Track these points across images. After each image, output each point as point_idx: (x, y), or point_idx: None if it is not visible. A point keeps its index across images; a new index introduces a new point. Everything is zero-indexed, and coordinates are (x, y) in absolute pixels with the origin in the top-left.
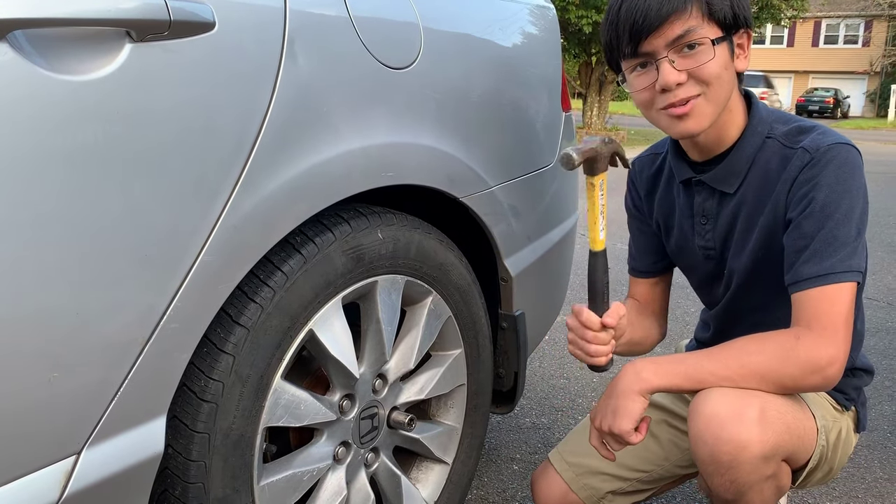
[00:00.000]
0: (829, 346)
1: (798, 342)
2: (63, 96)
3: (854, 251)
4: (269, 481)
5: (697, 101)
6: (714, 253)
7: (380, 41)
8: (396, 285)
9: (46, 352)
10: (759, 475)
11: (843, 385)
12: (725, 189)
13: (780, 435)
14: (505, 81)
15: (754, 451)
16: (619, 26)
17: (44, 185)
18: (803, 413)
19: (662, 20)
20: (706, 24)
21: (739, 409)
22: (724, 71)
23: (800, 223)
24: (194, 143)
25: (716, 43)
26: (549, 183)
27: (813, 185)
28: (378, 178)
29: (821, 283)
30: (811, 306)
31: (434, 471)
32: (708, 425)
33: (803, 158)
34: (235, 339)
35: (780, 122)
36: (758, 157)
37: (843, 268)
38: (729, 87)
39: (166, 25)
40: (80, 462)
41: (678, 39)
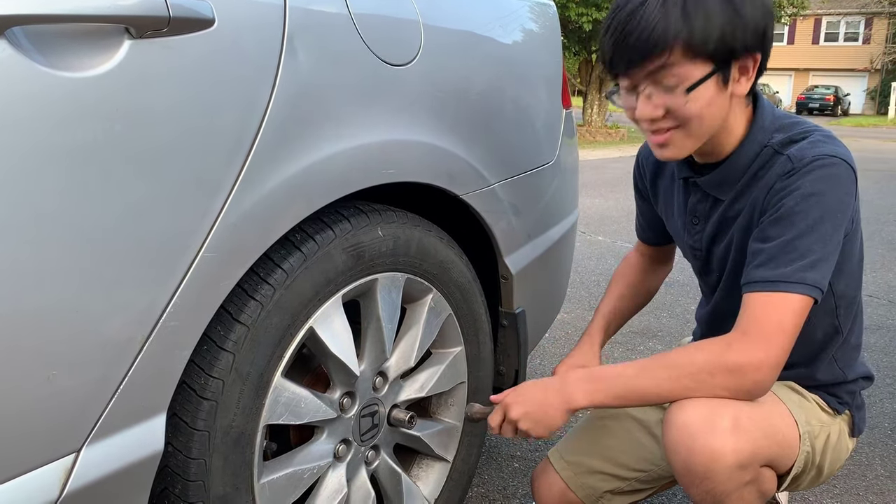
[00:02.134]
0: (759, 350)
1: (728, 349)
2: (62, 93)
3: (812, 265)
4: (270, 479)
5: (674, 134)
6: (700, 254)
7: (380, 38)
8: (397, 283)
9: (46, 349)
10: (735, 483)
11: (836, 390)
12: (718, 195)
13: (755, 442)
14: (505, 79)
15: (728, 460)
16: (604, 47)
17: (42, 182)
18: (783, 419)
19: (642, 56)
20: (689, 64)
21: (711, 419)
22: (707, 108)
23: (764, 228)
24: (194, 140)
25: (696, 86)
26: (550, 180)
27: (786, 193)
28: (378, 176)
29: (768, 288)
30: (753, 311)
31: (434, 468)
32: (681, 436)
33: (784, 167)
34: (235, 337)
35: (781, 131)
36: (752, 166)
37: (795, 279)
38: (714, 120)
39: (165, 22)
40: (80, 460)
41: (655, 72)
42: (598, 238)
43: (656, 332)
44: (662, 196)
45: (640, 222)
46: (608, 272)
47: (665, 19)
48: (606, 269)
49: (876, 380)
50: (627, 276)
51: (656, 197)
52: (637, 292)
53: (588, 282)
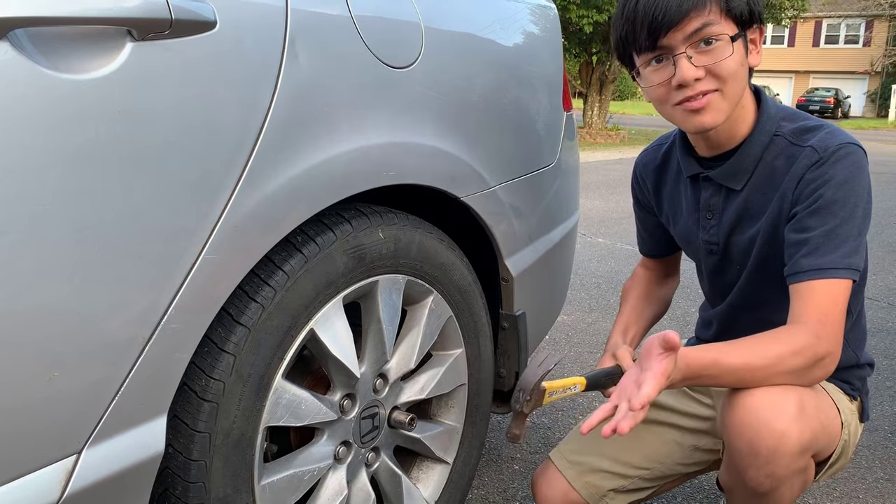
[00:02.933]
0: (832, 343)
1: (819, 341)
2: (64, 95)
3: (854, 250)
4: (270, 481)
5: (714, 97)
6: (717, 248)
7: (381, 40)
8: (397, 285)
9: (47, 351)
10: (794, 468)
11: (849, 376)
12: (732, 186)
13: (815, 430)
14: (506, 81)
15: (793, 444)
16: (637, 21)
17: (45, 183)
18: (831, 408)
19: (682, 15)
20: (724, 21)
21: (780, 403)
22: (741, 67)
23: (803, 218)
24: (195, 142)
25: (734, 40)
26: (551, 182)
27: (821, 183)
28: (379, 178)
29: (820, 276)
30: (809, 300)
31: (435, 470)
32: (749, 417)
33: (811, 157)
34: (236, 339)
35: (787, 120)
36: (765, 154)
37: (843, 265)
38: (743, 83)
39: (167, 24)
40: (81, 461)
41: (696, 33)
42: (599, 240)
43: None
44: (668, 201)
45: (643, 236)
46: (609, 274)
47: None
48: (607, 271)
49: (876, 382)
50: (636, 288)
51: (660, 204)
52: (650, 301)
53: (588, 284)
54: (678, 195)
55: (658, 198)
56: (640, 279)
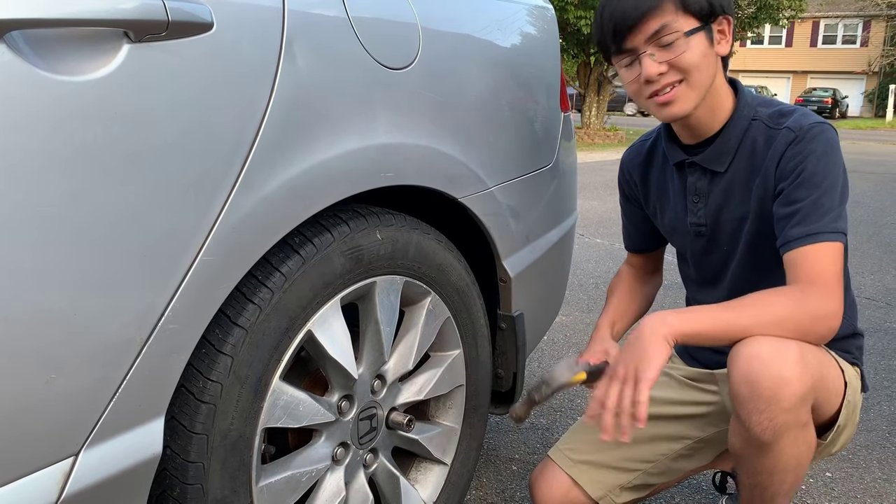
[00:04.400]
0: (832, 300)
1: (808, 299)
2: (61, 97)
3: (838, 216)
4: (268, 482)
5: (679, 88)
6: (705, 230)
7: (378, 42)
8: (395, 286)
9: (44, 352)
10: (794, 416)
11: (848, 345)
12: (716, 168)
13: (815, 378)
14: (504, 82)
15: (794, 387)
16: (604, 27)
17: (42, 185)
18: (833, 367)
19: (638, 19)
20: (680, 18)
21: (781, 350)
22: (703, 59)
23: (790, 192)
24: (192, 143)
25: (689, 34)
26: (548, 183)
27: (801, 159)
28: (377, 179)
29: (811, 241)
30: (805, 264)
31: (433, 471)
32: (750, 363)
33: (788, 136)
34: (234, 340)
35: (763, 106)
36: (745, 137)
37: (831, 228)
38: (710, 71)
39: (164, 26)
40: (79, 463)
41: (655, 35)
42: (597, 240)
43: None
44: (654, 192)
45: (629, 231)
46: (607, 274)
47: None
48: (605, 272)
49: (873, 382)
50: (621, 285)
51: (647, 196)
52: (634, 298)
53: (587, 284)
54: (664, 184)
55: (645, 190)
56: (626, 277)
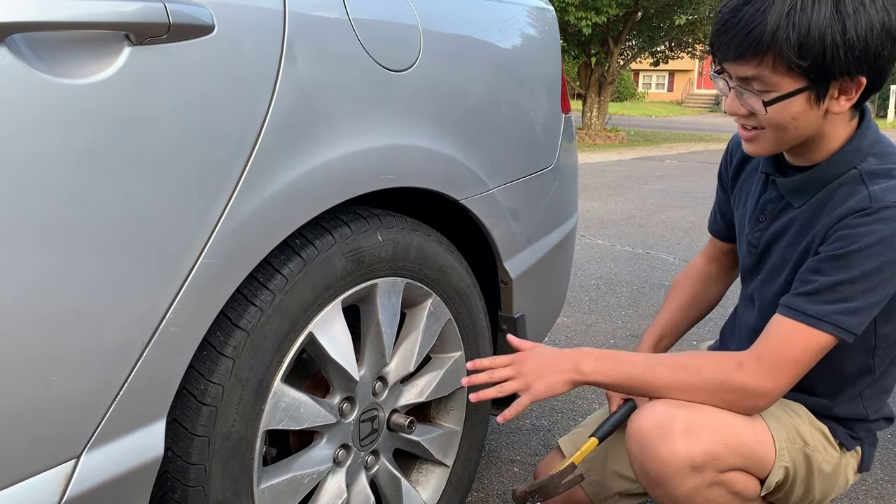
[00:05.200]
0: (768, 381)
1: (739, 370)
2: (62, 99)
3: (853, 311)
4: (269, 484)
5: (760, 133)
6: (755, 251)
7: (379, 43)
8: (396, 288)
9: (46, 355)
10: (692, 485)
11: (853, 425)
12: (792, 200)
13: (712, 447)
14: (504, 83)
15: (679, 466)
16: (713, 40)
17: (43, 188)
18: (755, 432)
19: (735, 58)
20: (780, 76)
21: (664, 424)
22: (792, 120)
23: (821, 259)
24: (194, 146)
25: (776, 101)
26: (549, 184)
27: (853, 234)
28: (378, 181)
29: (801, 319)
30: (776, 337)
31: (434, 473)
32: (636, 443)
33: (862, 204)
34: (235, 343)
35: (877, 157)
36: (835, 182)
37: (831, 320)
38: (802, 130)
39: (165, 28)
40: (80, 466)
41: (745, 80)
42: (598, 241)
43: None
44: (741, 184)
45: (715, 212)
46: (608, 276)
47: (762, 24)
48: (606, 273)
49: None
50: (686, 284)
51: (735, 184)
52: (694, 304)
53: (588, 286)
54: (751, 184)
55: (736, 177)
56: (695, 273)
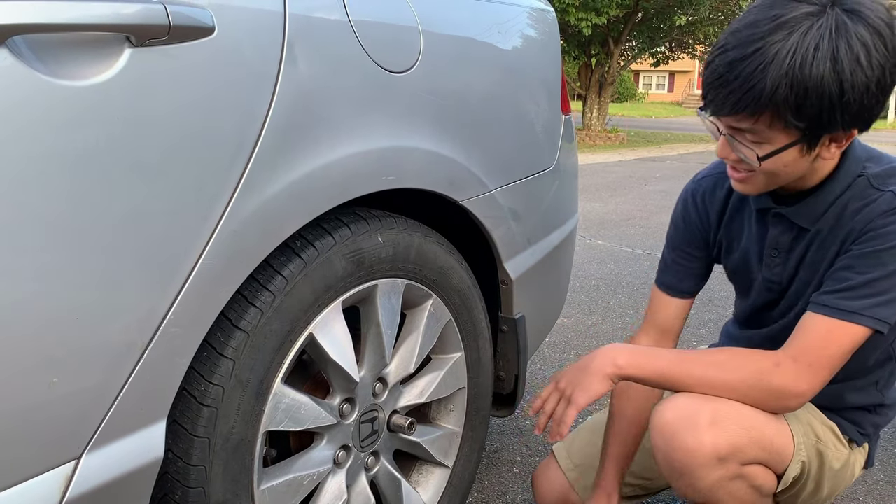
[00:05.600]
0: (804, 382)
1: (776, 370)
2: (63, 101)
3: (887, 303)
4: (270, 485)
5: (752, 177)
6: (778, 287)
7: (379, 45)
8: (396, 289)
9: (46, 356)
10: (717, 477)
11: (862, 420)
12: (805, 224)
13: (735, 439)
14: (505, 84)
15: (705, 457)
16: (705, 85)
17: (44, 189)
18: (775, 426)
19: (731, 112)
20: (775, 132)
21: (691, 416)
22: (783, 168)
23: (853, 257)
24: (194, 147)
25: (770, 156)
26: (549, 185)
27: (885, 232)
28: (378, 182)
29: (837, 316)
30: (811, 336)
31: (434, 474)
32: (661, 434)
33: (890, 203)
34: (235, 344)
35: (872, 161)
36: (844, 195)
37: (867, 313)
38: (790, 176)
39: (166, 30)
40: (80, 467)
41: (740, 131)
42: (598, 242)
43: None
44: (726, 229)
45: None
46: (608, 276)
47: (761, 84)
48: (606, 274)
49: None
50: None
51: (717, 231)
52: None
53: (588, 286)
54: (739, 225)
55: (718, 225)
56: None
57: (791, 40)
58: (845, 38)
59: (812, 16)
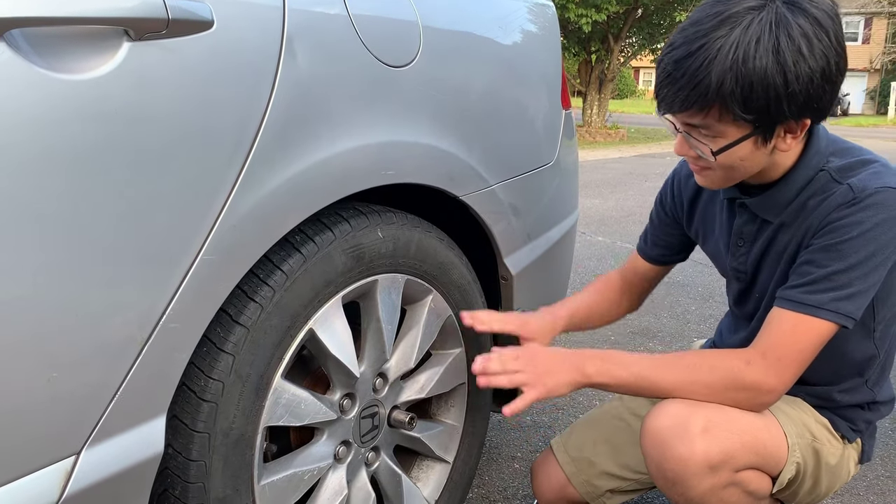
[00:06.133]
0: (774, 377)
1: (747, 368)
2: (61, 95)
3: (850, 296)
4: (270, 481)
5: (710, 172)
6: (745, 276)
7: (379, 39)
8: (396, 284)
9: (46, 351)
10: (709, 485)
11: (854, 416)
12: (768, 217)
13: (727, 446)
14: (504, 79)
15: (698, 465)
16: (656, 85)
17: (41, 184)
18: (768, 430)
19: (682, 109)
20: (726, 125)
21: (682, 423)
22: (740, 162)
23: (814, 250)
24: (193, 142)
25: (724, 150)
26: (549, 181)
27: (844, 224)
28: (378, 177)
29: (801, 310)
30: (778, 331)
31: (435, 470)
32: (652, 444)
33: (846, 196)
34: (235, 339)
35: (837, 155)
36: (805, 189)
37: (830, 307)
38: (748, 169)
39: (164, 24)
40: (80, 462)
41: (693, 126)
42: (598, 238)
43: (656, 333)
44: (700, 215)
45: (651, 238)
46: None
47: (707, 79)
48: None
49: None
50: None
51: (692, 218)
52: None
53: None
54: (712, 214)
55: (691, 212)
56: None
57: (733, 35)
58: (785, 30)
59: (753, 10)
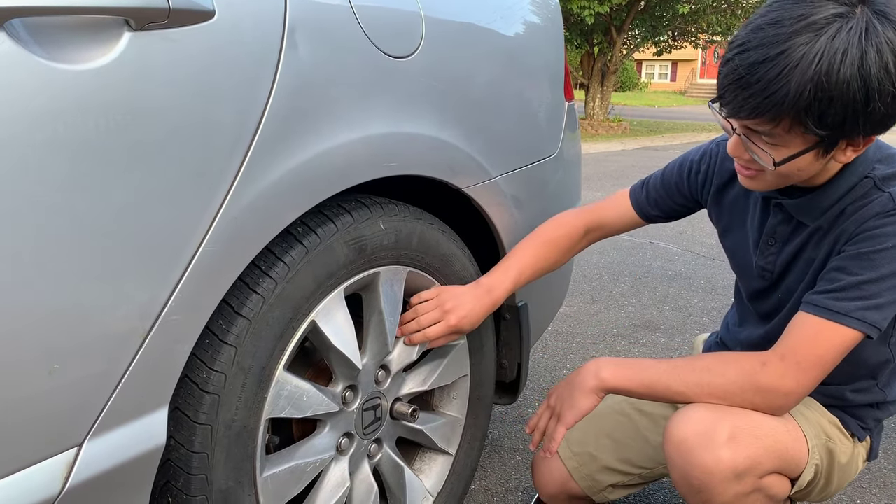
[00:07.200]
0: (791, 380)
1: (763, 369)
2: (61, 86)
3: (878, 307)
4: (272, 473)
5: (762, 175)
6: (770, 276)
7: (381, 30)
8: (399, 276)
9: (47, 343)
10: (734, 493)
11: (864, 414)
12: (804, 220)
13: (753, 453)
14: (507, 71)
15: (724, 474)
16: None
17: (42, 175)
18: (789, 433)
19: (749, 116)
20: (793, 136)
21: (709, 432)
22: (796, 171)
23: (845, 257)
24: (194, 133)
25: (786, 161)
26: (552, 173)
27: (879, 233)
28: (380, 169)
29: (826, 316)
30: (800, 335)
31: (437, 462)
32: (678, 452)
33: (885, 205)
34: (237, 331)
35: (884, 162)
36: (848, 195)
37: (856, 315)
38: (802, 176)
39: (165, 14)
40: (82, 454)
41: (756, 132)
42: None
43: (658, 325)
44: (729, 207)
45: (654, 197)
46: (610, 265)
47: (785, 90)
48: (608, 263)
49: None
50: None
51: (718, 203)
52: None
53: (590, 275)
54: (743, 208)
55: (718, 198)
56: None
57: (818, 43)
58: (875, 44)
59: (841, 17)
